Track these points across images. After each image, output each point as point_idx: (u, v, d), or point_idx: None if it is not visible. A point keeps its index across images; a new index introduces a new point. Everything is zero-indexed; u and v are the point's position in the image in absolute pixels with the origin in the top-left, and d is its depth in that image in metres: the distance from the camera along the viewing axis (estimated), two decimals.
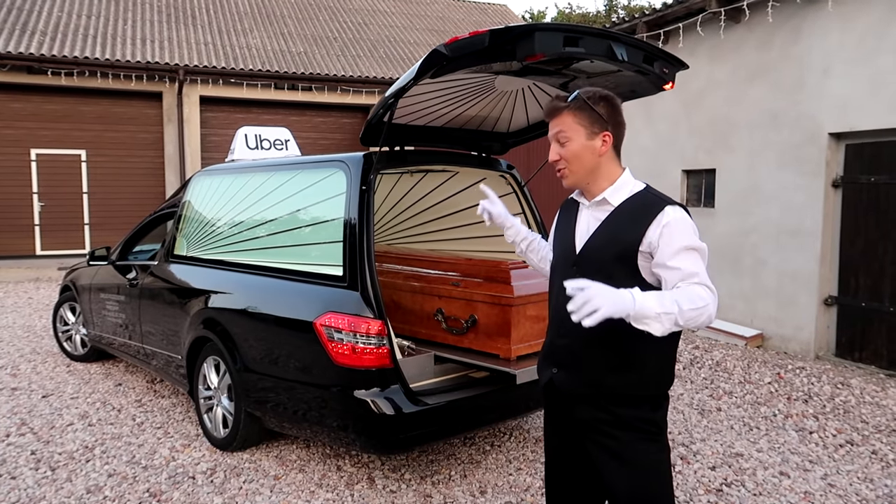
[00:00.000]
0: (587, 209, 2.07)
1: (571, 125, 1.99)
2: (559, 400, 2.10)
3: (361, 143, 3.62)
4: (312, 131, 14.82)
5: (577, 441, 2.09)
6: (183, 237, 4.71)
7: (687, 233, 1.88)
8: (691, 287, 1.81)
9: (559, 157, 2.02)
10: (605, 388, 1.95)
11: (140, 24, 14.72)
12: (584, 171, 2.01)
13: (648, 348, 1.89)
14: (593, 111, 1.97)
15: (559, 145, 2.02)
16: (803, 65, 6.21)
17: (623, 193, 2.00)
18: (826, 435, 4.35)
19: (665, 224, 1.88)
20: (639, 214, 1.93)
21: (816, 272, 6.10)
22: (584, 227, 2.05)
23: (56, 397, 5.04)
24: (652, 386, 1.98)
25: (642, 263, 1.91)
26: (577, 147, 1.99)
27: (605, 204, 2.01)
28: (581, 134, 1.98)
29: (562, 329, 2.02)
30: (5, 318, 8.08)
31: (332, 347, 3.24)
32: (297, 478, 3.67)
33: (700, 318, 1.78)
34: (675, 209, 1.92)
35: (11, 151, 12.82)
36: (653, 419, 1.98)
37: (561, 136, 2.00)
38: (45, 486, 3.57)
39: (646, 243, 1.89)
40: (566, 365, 2.03)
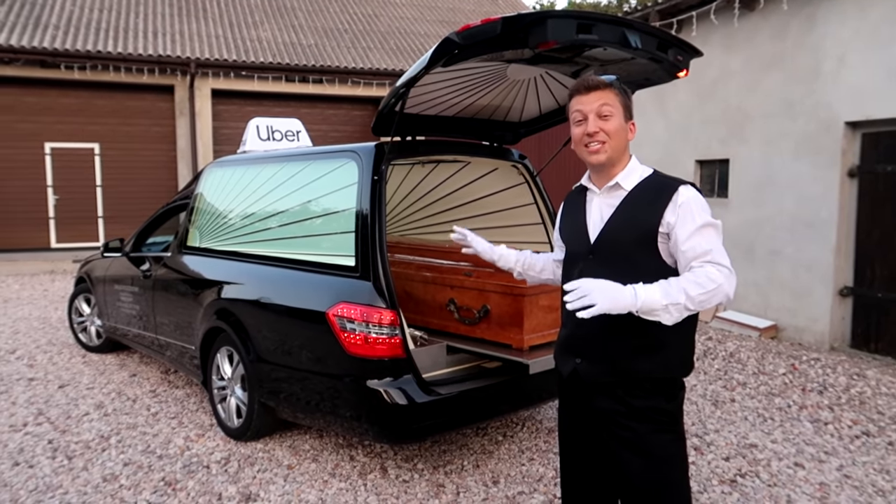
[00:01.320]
0: (598, 197, 2.06)
1: (615, 102, 1.99)
2: (580, 390, 2.09)
3: (373, 132, 3.61)
4: (323, 123, 14.82)
5: (594, 432, 2.08)
6: (196, 228, 4.73)
7: (701, 211, 1.91)
8: (702, 269, 1.83)
9: (598, 130, 1.99)
10: (631, 374, 1.95)
11: (152, 17, 14.76)
12: (617, 150, 2.00)
13: (669, 330, 1.90)
14: (628, 99, 2.02)
15: (600, 119, 1.99)
16: (819, 53, 6.13)
17: (634, 178, 2.02)
18: (841, 426, 4.32)
19: (681, 204, 1.91)
20: (654, 196, 1.95)
21: (832, 263, 6.04)
22: (597, 215, 2.04)
23: (72, 387, 5.09)
24: (676, 368, 1.98)
25: (661, 244, 1.93)
26: (618, 125, 1.99)
27: (618, 189, 2.01)
28: (621, 114, 2.00)
29: (582, 320, 1.95)
30: (22, 309, 8.17)
31: (345, 337, 3.25)
32: (311, 467, 3.69)
33: (713, 299, 1.80)
34: (688, 188, 1.95)
35: (26, 145, 12.92)
36: (667, 409, 1.98)
37: (605, 108, 1.98)
38: (62, 475, 3.61)
39: (664, 224, 1.91)
40: (590, 354, 2.02)
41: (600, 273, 1.91)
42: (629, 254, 1.94)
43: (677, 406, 2.02)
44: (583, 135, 2.01)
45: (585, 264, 2.02)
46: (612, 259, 1.96)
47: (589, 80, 2.01)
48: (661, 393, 1.97)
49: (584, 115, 2.00)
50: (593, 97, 1.99)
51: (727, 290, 1.83)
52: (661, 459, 1.96)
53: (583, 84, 2.02)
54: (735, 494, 3.40)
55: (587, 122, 1.99)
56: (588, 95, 1.99)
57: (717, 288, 1.80)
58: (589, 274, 1.93)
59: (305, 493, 3.39)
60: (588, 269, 1.99)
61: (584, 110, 2.00)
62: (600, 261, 1.98)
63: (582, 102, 2.01)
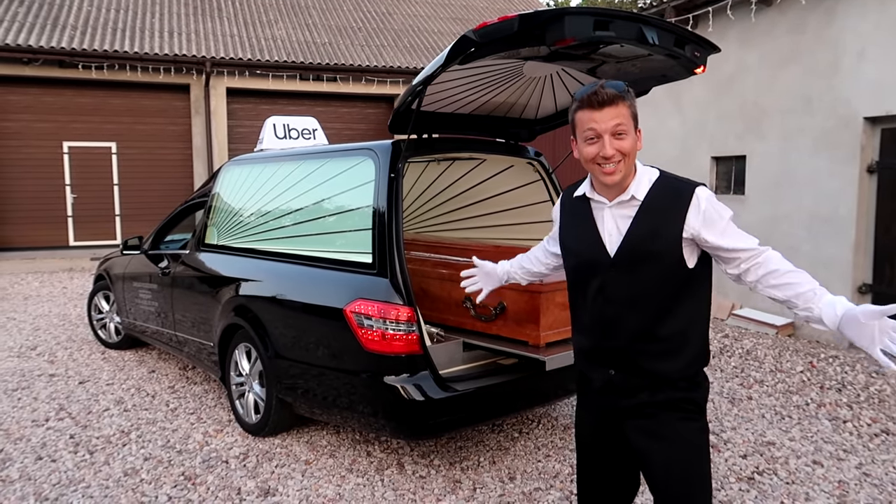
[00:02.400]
0: (609, 208, 1.95)
1: (628, 117, 1.86)
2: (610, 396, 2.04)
3: (389, 130, 3.63)
4: (337, 121, 14.88)
5: (618, 430, 2.05)
6: (213, 226, 4.77)
7: (721, 209, 1.90)
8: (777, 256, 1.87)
9: (616, 152, 1.85)
10: (661, 376, 1.94)
11: (167, 16, 14.88)
12: (630, 166, 1.91)
13: (691, 330, 1.92)
14: (635, 106, 1.91)
15: (616, 139, 1.85)
16: (837, 48, 6.07)
17: (644, 185, 1.92)
18: (860, 424, 4.29)
19: (704, 209, 1.86)
20: (672, 202, 1.89)
21: (850, 260, 5.98)
22: (612, 226, 1.94)
23: (92, 383, 5.16)
24: (698, 361, 1.98)
25: (687, 249, 1.90)
26: (632, 141, 1.87)
27: (632, 200, 1.92)
28: (633, 128, 1.88)
29: (606, 330, 1.98)
30: (41, 307, 8.28)
31: (362, 334, 3.27)
32: (328, 463, 3.72)
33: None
34: (703, 190, 1.91)
35: (45, 144, 13.08)
36: (692, 398, 1.96)
37: (621, 128, 1.85)
38: (84, 469, 3.66)
39: (688, 229, 1.87)
40: (623, 365, 1.98)
41: (625, 283, 1.91)
42: (655, 262, 1.89)
43: (702, 396, 2.00)
44: (597, 155, 1.87)
45: (607, 277, 1.95)
46: (637, 268, 1.91)
47: (602, 95, 1.84)
48: (687, 384, 1.96)
49: (597, 133, 1.85)
50: (607, 114, 1.84)
51: None
52: (684, 447, 1.94)
53: (595, 99, 1.84)
54: (753, 492, 3.39)
55: (602, 141, 1.85)
56: (601, 112, 1.84)
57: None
58: (613, 286, 1.93)
59: (323, 488, 3.42)
60: (611, 281, 1.95)
61: (597, 129, 1.85)
62: (624, 271, 1.93)
63: (595, 120, 1.85)
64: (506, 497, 3.33)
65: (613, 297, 1.95)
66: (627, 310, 1.93)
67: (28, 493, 3.39)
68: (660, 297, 1.92)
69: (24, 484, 3.49)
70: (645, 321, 1.91)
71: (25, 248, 12.87)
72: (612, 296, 1.95)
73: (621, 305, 1.94)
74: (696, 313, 1.96)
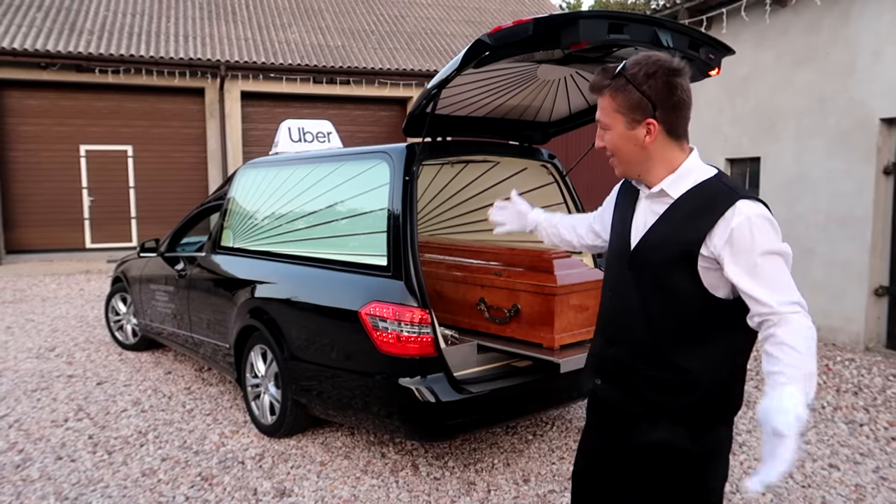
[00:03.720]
0: (645, 199, 1.75)
1: (609, 111, 1.67)
2: (598, 410, 1.92)
3: (404, 133, 3.65)
4: (350, 124, 14.95)
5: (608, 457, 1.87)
6: (229, 229, 4.82)
7: (766, 236, 1.55)
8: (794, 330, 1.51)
9: (603, 145, 1.73)
10: (655, 407, 1.69)
11: (182, 21, 15.02)
12: (630, 162, 1.70)
13: (706, 366, 1.65)
14: (636, 92, 1.61)
15: (602, 130, 1.72)
16: (853, 48, 6.03)
17: (685, 183, 1.66)
18: (877, 428, 4.25)
19: (736, 227, 1.55)
20: (702, 210, 1.60)
21: (867, 262, 5.93)
22: (641, 220, 1.75)
23: (110, 384, 5.22)
24: (712, 409, 1.69)
25: (703, 269, 1.61)
26: (616, 138, 1.68)
27: (664, 196, 1.69)
28: (619, 122, 1.66)
29: (613, 335, 1.80)
30: (59, 308, 8.38)
31: (377, 336, 3.29)
32: (343, 464, 3.74)
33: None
34: (749, 204, 1.57)
35: (62, 148, 13.25)
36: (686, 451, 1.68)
37: (602, 122, 1.70)
38: (102, 469, 3.71)
39: (709, 245, 1.58)
40: (613, 377, 1.81)
41: (637, 287, 1.72)
42: (663, 275, 1.65)
43: (706, 447, 1.69)
44: None
45: (619, 277, 1.78)
46: (645, 273, 1.70)
47: (592, 81, 1.70)
48: (686, 428, 1.68)
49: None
50: (599, 102, 1.71)
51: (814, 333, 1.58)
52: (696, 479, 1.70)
53: (590, 86, 1.73)
54: (768, 495, 3.38)
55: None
56: (598, 99, 1.72)
57: (814, 340, 1.53)
58: (625, 286, 1.75)
59: (338, 489, 3.44)
60: (624, 280, 1.76)
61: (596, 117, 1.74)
62: (635, 272, 1.72)
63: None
64: (520, 499, 3.34)
65: (623, 300, 1.76)
66: (635, 320, 1.72)
67: (48, 492, 3.44)
68: (672, 319, 1.66)
69: (44, 483, 3.54)
70: (651, 340, 1.70)
71: (43, 250, 13.04)
72: (621, 298, 1.77)
73: (630, 313, 1.74)
74: (718, 355, 1.65)
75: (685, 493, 1.73)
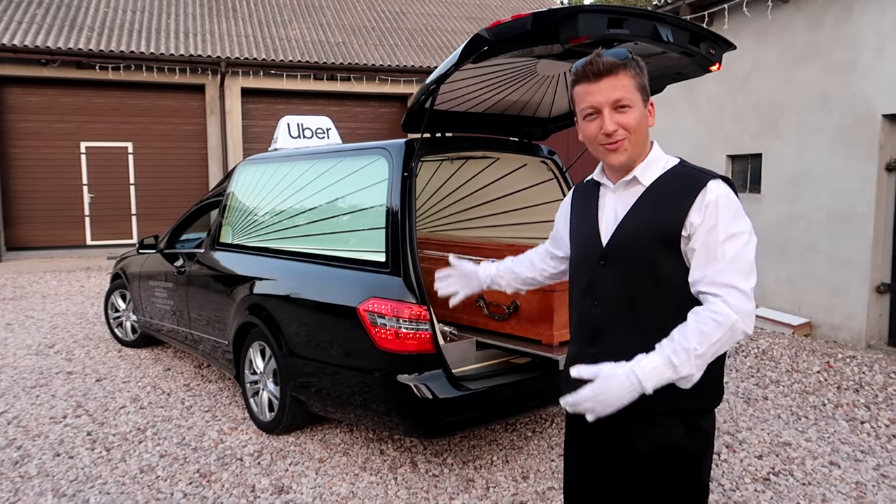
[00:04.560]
0: (612, 193, 1.75)
1: (632, 88, 1.64)
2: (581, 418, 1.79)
3: (403, 129, 3.63)
4: (351, 121, 14.93)
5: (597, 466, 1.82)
6: (228, 225, 4.80)
7: (730, 214, 1.60)
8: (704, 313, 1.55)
9: (617, 128, 1.64)
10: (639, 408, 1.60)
11: (183, 17, 15.00)
12: (639, 144, 1.68)
13: None
14: (643, 76, 1.67)
15: (617, 112, 1.64)
16: (856, 44, 6.00)
17: (655, 170, 1.70)
18: (878, 425, 4.24)
19: (708, 203, 1.60)
20: (678, 191, 1.64)
21: (868, 258, 5.91)
22: (611, 214, 1.73)
23: (109, 381, 5.21)
24: (693, 400, 1.66)
25: (685, 247, 1.63)
26: (639, 115, 1.65)
27: (635, 184, 1.70)
28: (640, 100, 1.65)
29: (594, 335, 1.75)
30: (59, 305, 8.38)
31: (376, 332, 3.28)
32: (342, 461, 3.73)
33: (730, 341, 1.54)
34: (718, 184, 1.63)
35: (63, 144, 13.24)
36: (683, 447, 1.67)
37: (624, 100, 1.63)
38: (100, 466, 3.70)
39: (688, 226, 1.61)
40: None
41: (615, 281, 1.68)
42: (647, 258, 1.64)
43: (700, 443, 1.69)
44: (598, 133, 1.67)
45: (595, 274, 1.73)
46: (627, 265, 1.67)
47: (598, 64, 1.62)
48: (678, 424, 1.67)
49: (595, 108, 1.65)
50: (605, 85, 1.62)
51: (743, 327, 1.54)
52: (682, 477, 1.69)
53: (591, 69, 1.64)
54: (768, 493, 3.36)
55: (601, 117, 1.65)
56: (599, 83, 1.63)
57: (730, 329, 1.52)
58: (602, 283, 1.71)
59: (337, 486, 3.44)
60: (600, 277, 1.72)
61: (595, 103, 1.65)
62: (613, 268, 1.69)
63: (591, 92, 1.64)
64: (519, 496, 3.33)
65: (601, 296, 1.72)
66: (616, 314, 1.69)
67: (46, 489, 3.44)
68: (657, 307, 1.65)
69: (42, 480, 3.53)
70: (635, 333, 1.66)
71: (43, 247, 13.04)
72: (600, 295, 1.72)
73: (610, 308, 1.70)
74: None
75: (685, 491, 1.72)
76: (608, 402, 1.53)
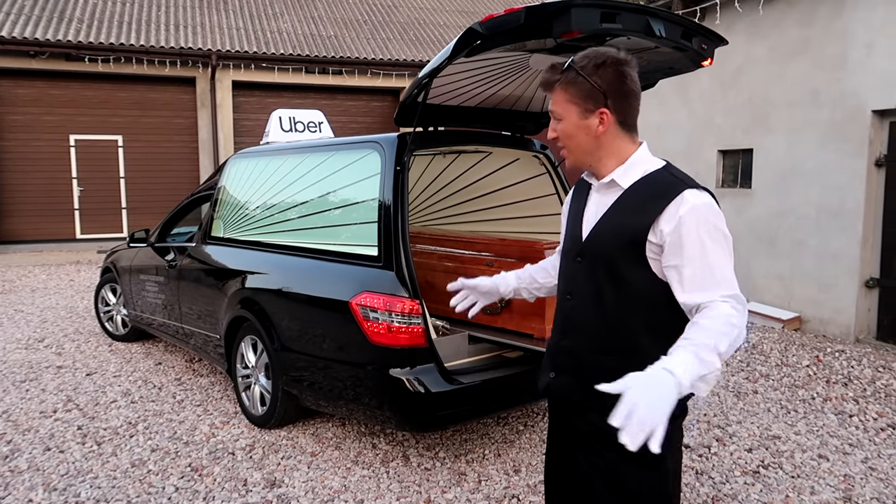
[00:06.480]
0: (595, 192, 1.79)
1: (562, 102, 1.71)
2: (556, 407, 1.91)
3: (395, 123, 3.62)
4: (343, 115, 14.88)
5: (570, 453, 1.84)
6: (220, 219, 4.78)
7: (709, 226, 1.58)
8: (715, 314, 1.50)
9: (555, 135, 1.76)
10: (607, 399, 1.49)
11: (173, 9, 14.89)
12: (581, 152, 1.74)
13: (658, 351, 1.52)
14: (587, 83, 1.65)
15: (555, 122, 1.75)
16: (846, 40, 6.03)
17: (635, 173, 1.70)
18: (866, 418, 4.28)
19: (682, 215, 1.57)
20: (650, 198, 1.64)
21: (858, 254, 5.96)
22: (593, 211, 1.78)
23: (99, 375, 5.19)
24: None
25: (651, 256, 1.62)
26: (569, 127, 1.71)
27: (614, 186, 1.72)
28: (572, 112, 1.69)
29: (566, 327, 1.79)
30: (49, 299, 8.33)
31: (368, 326, 3.28)
32: (334, 455, 3.73)
33: (735, 347, 1.51)
34: (696, 193, 1.60)
35: (52, 137, 13.13)
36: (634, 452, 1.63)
37: (554, 114, 1.74)
38: (91, 460, 3.69)
39: (656, 232, 1.60)
40: (566, 370, 1.80)
41: (589, 278, 1.71)
42: (613, 263, 1.67)
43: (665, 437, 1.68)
44: None
45: (571, 269, 1.79)
46: (597, 264, 1.70)
47: (542, 78, 1.75)
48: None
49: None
50: (552, 96, 1.74)
51: (744, 331, 1.54)
52: (630, 496, 1.69)
53: (540, 83, 1.78)
54: (758, 485, 3.39)
55: None
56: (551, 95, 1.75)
57: (738, 333, 1.50)
58: (577, 277, 1.75)
59: (329, 480, 3.44)
60: (577, 271, 1.76)
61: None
62: (586, 265, 1.74)
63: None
64: (511, 489, 3.34)
65: (574, 291, 1.77)
66: (584, 310, 1.73)
67: (36, 483, 3.42)
68: (624, 309, 1.67)
69: (32, 474, 3.52)
70: (604, 331, 1.69)
71: (32, 240, 12.94)
72: (573, 290, 1.78)
73: (581, 303, 1.74)
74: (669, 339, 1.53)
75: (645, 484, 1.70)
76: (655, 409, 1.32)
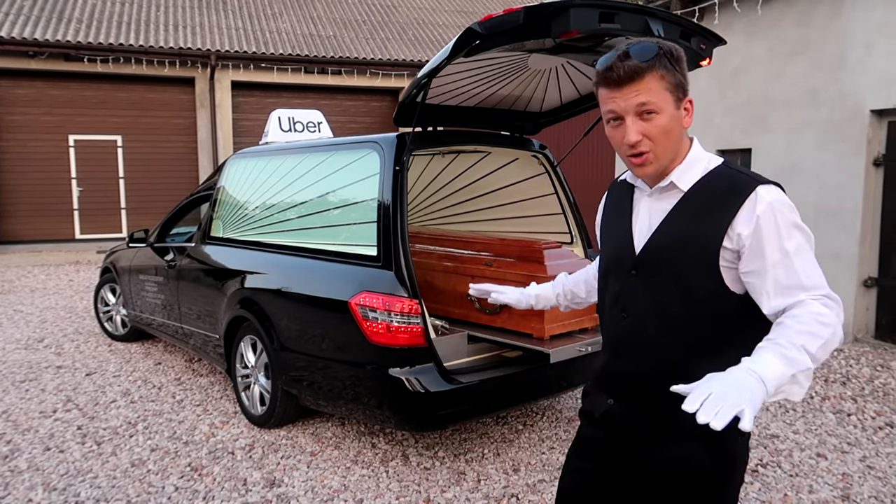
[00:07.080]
0: (648, 197, 1.59)
1: (659, 91, 1.44)
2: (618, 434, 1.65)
3: (395, 123, 3.63)
4: (342, 115, 14.89)
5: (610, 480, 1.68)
6: (219, 219, 4.79)
7: (788, 224, 1.42)
8: (801, 311, 1.35)
9: (641, 138, 1.46)
10: (675, 423, 1.44)
11: (172, 9, 14.89)
12: (668, 152, 1.49)
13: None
14: (676, 71, 1.46)
15: (642, 121, 1.45)
16: (845, 40, 6.04)
17: (695, 173, 1.52)
18: (865, 417, 4.29)
19: (761, 214, 1.41)
20: (722, 198, 1.46)
21: (856, 253, 5.97)
22: (646, 220, 1.58)
23: (99, 375, 5.19)
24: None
25: (725, 265, 1.45)
26: (667, 120, 1.46)
27: (673, 189, 1.53)
28: (670, 102, 1.45)
29: (623, 348, 1.61)
30: (48, 299, 8.33)
31: (367, 326, 3.28)
32: (333, 454, 3.74)
33: (831, 348, 1.34)
34: (770, 189, 1.43)
35: (51, 137, 13.13)
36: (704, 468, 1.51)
37: (649, 106, 1.44)
38: (91, 460, 3.69)
39: (732, 237, 1.43)
40: (626, 395, 1.61)
41: (647, 293, 1.54)
42: (679, 275, 1.48)
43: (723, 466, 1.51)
44: (621, 143, 1.50)
45: (625, 284, 1.59)
46: (659, 278, 1.52)
47: (619, 70, 1.44)
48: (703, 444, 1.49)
49: (618, 114, 1.47)
50: (628, 92, 1.44)
51: (840, 331, 1.34)
52: None
53: (611, 77, 1.45)
54: (756, 484, 3.40)
55: (624, 125, 1.47)
56: (620, 91, 1.45)
57: (833, 333, 1.32)
58: (632, 294, 1.57)
59: (328, 480, 3.44)
60: (630, 287, 1.58)
61: (617, 110, 1.47)
62: (644, 279, 1.55)
63: (614, 99, 1.46)
64: (510, 489, 3.35)
65: (631, 308, 1.57)
66: (645, 329, 1.55)
67: (36, 483, 3.43)
68: (691, 324, 1.49)
69: (32, 474, 3.52)
70: (668, 349, 1.52)
71: (32, 241, 12.94)
72: (629, 307, 1.58)
73: (640, 321, 1.56)
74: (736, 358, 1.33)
75: None
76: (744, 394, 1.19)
